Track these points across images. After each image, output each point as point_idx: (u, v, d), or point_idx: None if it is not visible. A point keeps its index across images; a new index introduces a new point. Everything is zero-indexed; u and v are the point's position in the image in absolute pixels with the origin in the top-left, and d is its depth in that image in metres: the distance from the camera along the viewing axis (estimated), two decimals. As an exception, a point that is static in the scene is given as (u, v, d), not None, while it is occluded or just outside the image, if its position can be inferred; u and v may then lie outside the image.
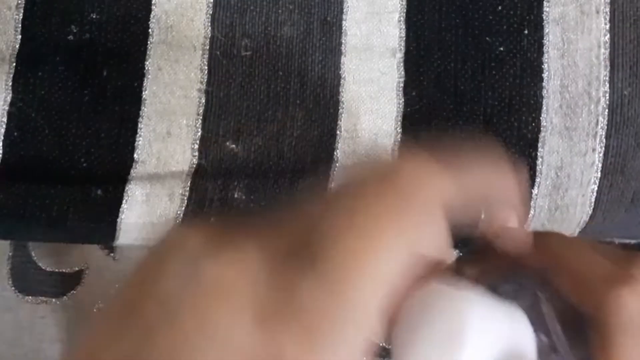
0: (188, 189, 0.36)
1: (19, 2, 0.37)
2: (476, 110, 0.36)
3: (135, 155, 0.37)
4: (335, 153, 0.36)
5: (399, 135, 0.36)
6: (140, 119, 0.37)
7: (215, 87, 0.37)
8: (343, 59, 0.37)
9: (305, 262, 0.18)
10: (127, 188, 0.36)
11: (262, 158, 0.36)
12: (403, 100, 0.36)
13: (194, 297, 0.18)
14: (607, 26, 0.36)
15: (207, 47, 0.37)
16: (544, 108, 0.36)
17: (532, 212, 0.36)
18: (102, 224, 0.36)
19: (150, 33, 0.37)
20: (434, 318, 0.19)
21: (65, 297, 0.38)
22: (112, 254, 0.37)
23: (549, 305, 0.22)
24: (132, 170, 0.36)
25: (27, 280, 0.38)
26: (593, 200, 0.36)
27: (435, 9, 0.36)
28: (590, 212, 0.36)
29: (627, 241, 0.40)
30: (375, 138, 0.36)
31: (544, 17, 0.36)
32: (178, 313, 0.18)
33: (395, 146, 0.36)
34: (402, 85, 0.36)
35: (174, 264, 0.19)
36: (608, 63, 0.36)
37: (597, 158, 0.35)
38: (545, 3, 0.36)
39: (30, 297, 0.38)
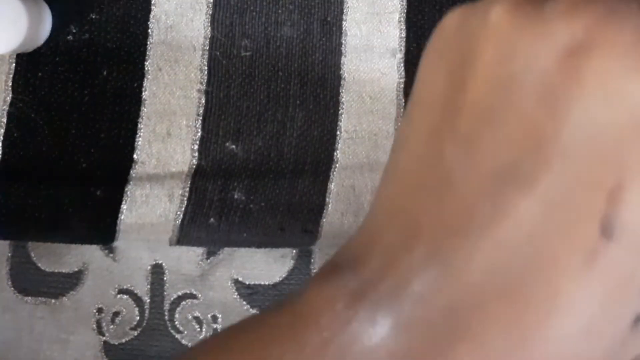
0: (188, 189, 0.36)
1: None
2: (476, 110, 0.36)
3: (135, 156, 0.37)
4: (335, 154, 0.36)
5: (399, 136, 0.36)
6: (139, 120, 0.37)
7: (215, 87, 0.37)
8: (343, 60, 0.37)
9: None
10: (126, 189, 0.36)
11: (262, 158, 0.36)
12: (403, 100, 0.36)
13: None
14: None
15: (207, 48, 0.37)
16: (545, 109, 0.36)
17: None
18: (102, 225, 0.36)
19: (150, 33, 0.37)
20: None
21: (64, 297, 0.38)
22: (111, 255, 0.37)
23: None
24: (131, 171, 0.36)
25: (26, 280, 0.38)
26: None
27: (435, 9, 0.36)
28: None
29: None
30: (375, 138, 0.36)
31: (545, 18, 0.36)
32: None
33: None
34: (402, 85, 0.36)
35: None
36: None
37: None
38: (546, 3, 0.36)
39: (29, 297, 0.38)
